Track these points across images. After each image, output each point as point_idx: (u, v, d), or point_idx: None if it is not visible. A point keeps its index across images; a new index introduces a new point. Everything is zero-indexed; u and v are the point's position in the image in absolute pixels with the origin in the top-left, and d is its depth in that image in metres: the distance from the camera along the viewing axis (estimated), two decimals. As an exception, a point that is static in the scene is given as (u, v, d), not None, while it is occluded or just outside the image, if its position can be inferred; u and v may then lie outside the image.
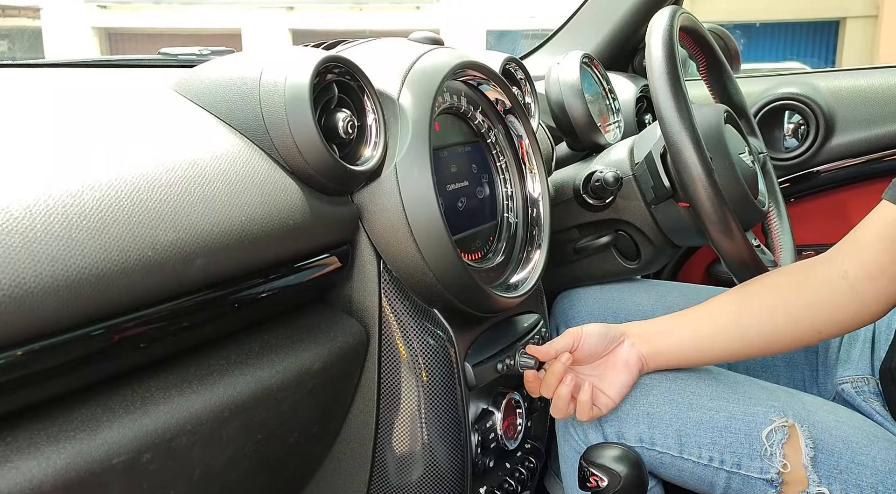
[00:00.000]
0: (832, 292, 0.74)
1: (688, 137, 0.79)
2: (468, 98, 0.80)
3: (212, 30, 14.99)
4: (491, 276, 0.79)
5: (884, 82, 1.23)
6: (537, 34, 8.80)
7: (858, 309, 0.74)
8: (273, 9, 15.43)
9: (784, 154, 1.27)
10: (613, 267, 1.01)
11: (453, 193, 0.77)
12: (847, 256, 0.75)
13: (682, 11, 0.92)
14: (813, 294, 0.75)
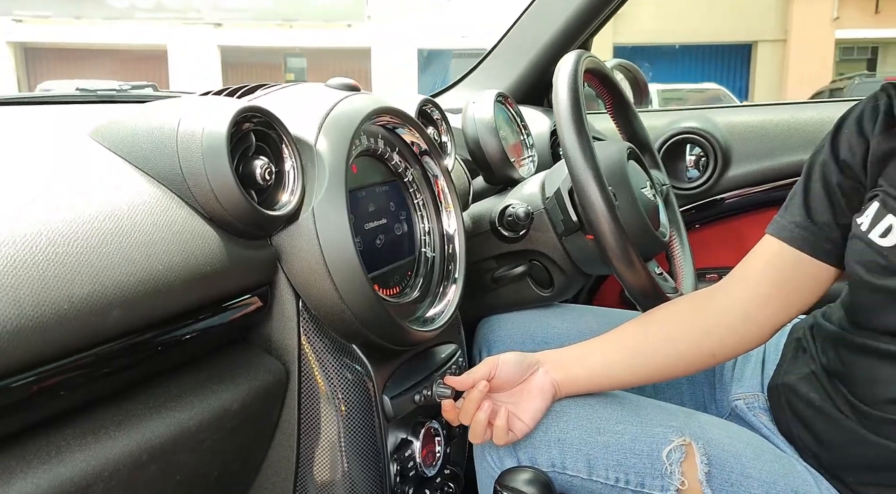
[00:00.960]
0: (726, 319, 0.81)
1: (591, 176, 0.85)
2: (385, 140, 0.83)
3: (136, 46, 14.61)
4: (408, 310, 0.82)
5: (773, 119, 1.34)
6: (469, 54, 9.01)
7: (749, 334, 0.82)
8: (201, 25, 15.16)
9: (687, 184, 1.36)
10: (529, 295, 1.06)
11: (371, 231, 0.80)
12: (738, 285, 0.82)
13: (587, 55, 0.99)
14: (710, 321, 0.82)
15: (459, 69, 1.51)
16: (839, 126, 0.80)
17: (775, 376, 0.90)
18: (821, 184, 0.80)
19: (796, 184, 0.83)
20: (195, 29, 14.98)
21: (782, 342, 0.94)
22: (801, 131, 1.28)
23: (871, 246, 0.73)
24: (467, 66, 1.44)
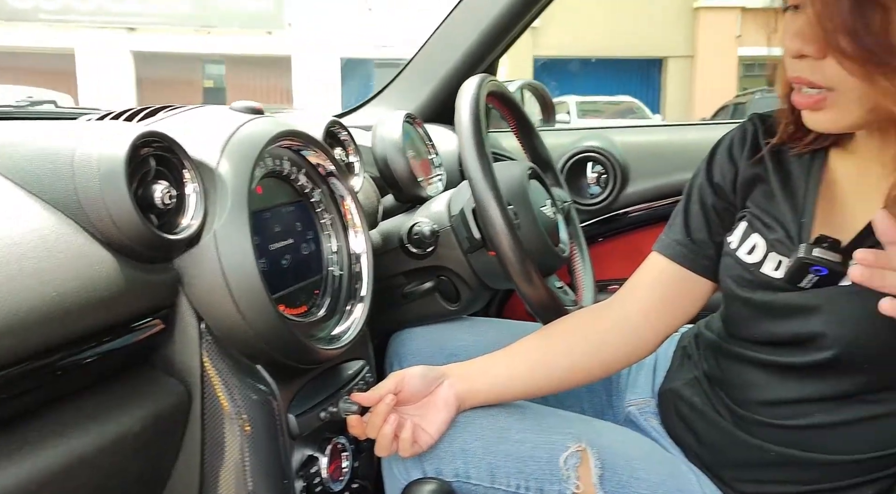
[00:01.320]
0: (619, 331, 0.87)
1: (491, 196, 0.89)
2: (291, 161, 0.85)
3: (41, 49, 13.93)
4: (314, 329, 0.84)
5: (666, 139, 1.43)
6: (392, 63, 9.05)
7: (638, 345, 0.88)
8: (112, 29, 14.61)
9: (589, 200, 1.44)
10: (437, 309, 1.10)
11: (277, 251, 0.82)
12: (629, 298, 0.88)
13: (489, 79, 1.03)
14: (604, 333, 0.88)
15: (383, 78, 1.54)
16: (714, 152, 0.87)
17: (664, 382, 0.97)
18: (698, 205, 0.86)
19: (678, 205, 0.89)
20: (106, 33, 14.43)
21: (671, 350, 1.00)
22: (690, 151, 1.37)
23: (740, 262, 0.80)
24: (390, 75, 1.47)
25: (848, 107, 0.67)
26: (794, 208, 0.78)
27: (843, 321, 0.71)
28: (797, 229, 0.77)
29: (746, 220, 0.82)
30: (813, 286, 0.74)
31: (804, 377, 0.77)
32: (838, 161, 0.78)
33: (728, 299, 0.85)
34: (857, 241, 0.72)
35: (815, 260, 0.71)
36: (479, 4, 1.30)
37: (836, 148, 0.79)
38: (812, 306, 0.74)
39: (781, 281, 0.76)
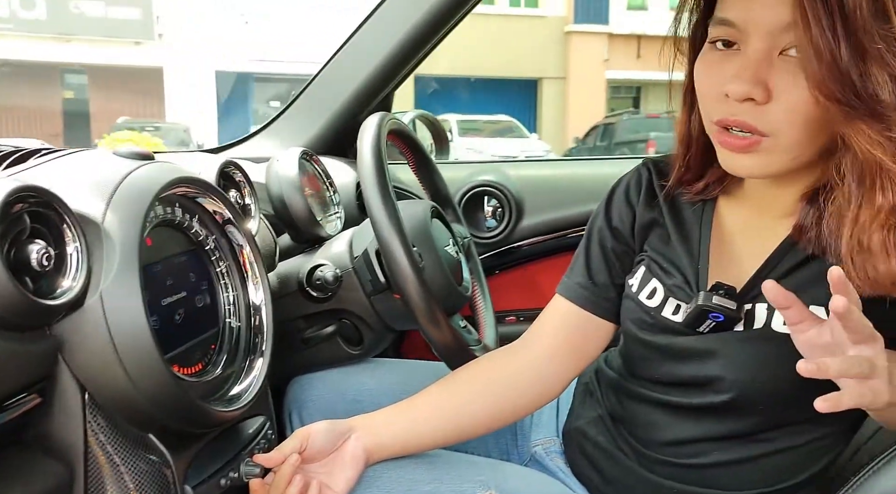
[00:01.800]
0: (527, 374, 0.87)
1: (397, 241, 0.87)
2: (183, 208, 0.79)
3: None
4: (211, 389, 0.78)
5: (558, 173, 1.48)
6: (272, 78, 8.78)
7: (546, 388, 0.88)
8: (-45, 33, 13.41)
9: (486, 233, 1.45)
10: (339, 353, 1.06)
11: (169, 306, 0.75)
12: (534, 342, 0.89)
13: (389, 117, 1.02)
14: (512, 378, 0.87)
15: (262, 93, 1.48)
16: (611, 196, 0.90)
17: (568, 421, 0.98)
18: (598, 248, 0.88)
19: (579, 246, 0.91)
20: (-51, 37, 13.20)
21: (573, 387, 1.02)
22: (583, 185, 1.42)
23: (641, 306, 0.83)
24: (270, 90, 1.42)
25: (779, 153, 0.68)
26: (690, 253, 0.81)
27: (739, 366, 0.74)
28: (694, 276, 0.80)
29: (645, 264, 0.84)
30: (710, 331, 0.77)
31: (703, 417, 0.80)
32: (727, 209, 0.82)
33: (629, 341, 0.87)
34: (748, 288, 0.76)
35: (713, 308, 0.74)
36: (376, 37, 1.29)
37: (724, 196, 0.83)
38: (710, 350, 0.77)
39: (681, 325, 0.79)
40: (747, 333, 0.75)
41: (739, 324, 0.75)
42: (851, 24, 0.60)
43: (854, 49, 0.61)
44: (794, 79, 0.65)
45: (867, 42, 0.61)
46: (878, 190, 0.63)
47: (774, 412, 0.75)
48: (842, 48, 0.60)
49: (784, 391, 0.72)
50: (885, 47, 0.61)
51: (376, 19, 1.29)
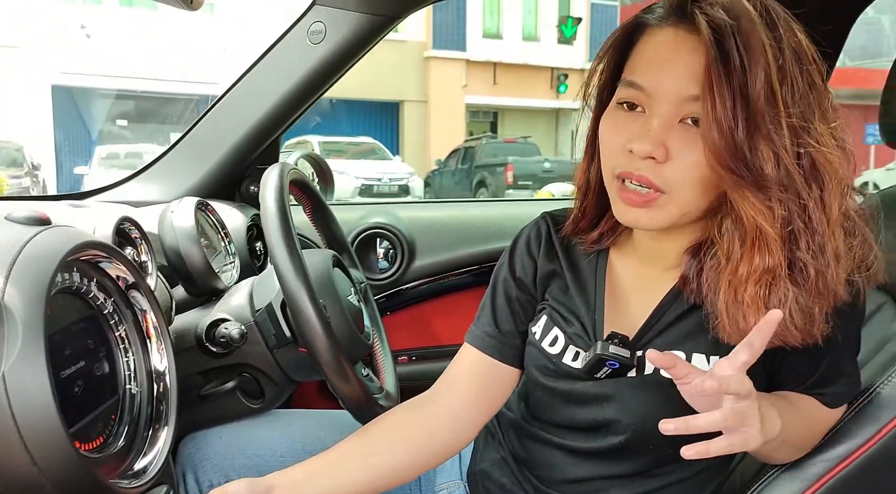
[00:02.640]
0: (444, 423, 0.89)
1: (305, 295, 0.87)
2: (82, 273, 0.75)
3: None
4: (113, 464, 0.74)
5: (448, 215, 1.52)
6: (116, 95, 8.21)
7: (462, 434, 0.90)
8: None
9: (379, 275, 1.46)
10: (239, 408, 1.03)
11: (69, 378, 0.71)
12: (447, 390, 0.91)
13: (290, 168, 1.01)
14: (426, 427, 0.88)
15: (108, 111, 1.41)
16: (514, 247, 0.94)
17: (472, 463, 1.01)
18: (504, 297, 0.93)
19: (485, 296, 0.95)
20: None
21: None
22: (472, 226, 1.47)
23: (543, 353, 0.88)
24: (116, 107, 1.36)
25: (670, 209, 0.75)
26: (587, 303, 0.87)
27: (633, 409, 0.81)
28: (591, 325, 0.86)
29: (547, 313, 0.90)
30: (606, 377, 0.83)
31: (601, 457, 0.86)
32: (618, 261, 0.89)
33: (532, 385, 0.92)
34: (639, 336, 0.83)
35: (610, 356, 0.80)
36: (267, 82, 1.28)
37: (615, 248, 0.90)
38: (607, 395, 0.83)
39: (580, 372, 0.84)
40: (640, 378, 0.82)
41: (632, 370, 0.82)
42: (750, 106, 0.69)
43: (748, 127, 0.69)
44: (691, 144, 0.72)
45: (760, 122, 0.69)
46: (757, 251, 0.71)
47: (666, 450, 0.82)
48: (739, 125, 0.68)
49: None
50: (774, 129, 0.69)
51: (268, 63, 1.28)
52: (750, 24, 0.68)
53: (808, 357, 0.76)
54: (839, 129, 0.73)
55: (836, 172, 0.70)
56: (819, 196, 0.70)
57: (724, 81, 0.68)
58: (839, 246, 0.72)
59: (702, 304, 0.79)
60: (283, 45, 1.28)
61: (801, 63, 0.70)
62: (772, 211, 0.69)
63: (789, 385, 0.80)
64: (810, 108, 0.70)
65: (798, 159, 0.69)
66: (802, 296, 0.70)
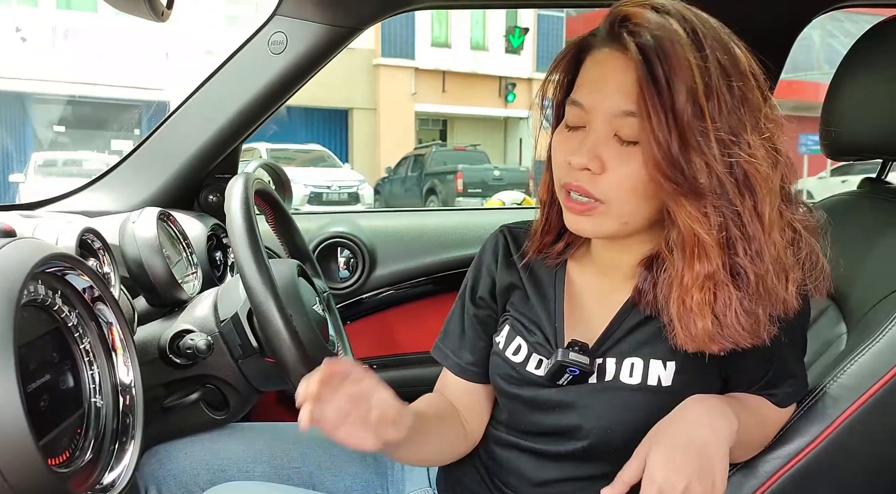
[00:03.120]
0: (457, 433, 0.94)
1: (273, 305, 0.88)
2: (46, 285, 0.73)
3: None
4: (82, 478, 0.73)
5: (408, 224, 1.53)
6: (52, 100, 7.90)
7: (468, 440, 0.95)
8: None
9: (340, 284, 1.47)
10: (202, 420, 1.02)
11: (35, 392, 0.70)
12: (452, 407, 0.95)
13: (255, 178, 1.01)
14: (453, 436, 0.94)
15: (43, 116, 1.38)
16: (475, 264, 0.96)
17: (441, 470, 1.02)
18: (468, 317, 0.95)
19: (451, 312, 0.97)
20: None
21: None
22: (430, 235, 1.49)
23: (507, 362, 0.90)
24: (53, 112, 1.33)
25: (610, 218, 0.79)
26: (548, 313, 0.90)
27: (595, 415, 0.83)
28: (553, 334, 0.88)
29: (510, 323, 0.92)
30: (568, 384, 0.86)
31: (565, 461, 0.87)
32: (576, 271, 0.92)
33: (497, 394, 0.94)
34: (598, 344, 0.86)
35: (570, 363, 0.83)
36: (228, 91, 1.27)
37: (573, 260, 0.93)
38: (569, 401, 0.85)
39: (543, 379, 0.87)
40: (600, 385, 0.84)
41: (593, 377, 0.85)
42: (679, 121, 0.73)
43: (681, 140, 0.73)
44: (626, 157, 0.76)
45: (689, 136, 0.73)
46: (697, 259, 0.75)
47: (629, 454, 0.84)
48: (672, 139, 0.73)
49: (636, 436, 0.81)
50: (703, 141, 0.73)
51: (228, 72, 1.27)
52: (673, 45, 0.72)
53: (758, 361, 0.81)
54: (774, 140, 0.77)
55: (765, 182, 0.74)
56: (752, 205, 0.74)
57: (655, 98, 0.72)
58: (780, 252, 0.76)
59: (656, 315, 0.82)
60: (244, 54, 1.28)
61: (729, 79, 0.74)
62: (707, 218, 0.73)
63: (742, 387, 0.84)
64: (741, 121, 0.74)
65: (730, 169, 0.73)
66: (746, 300, 0.75)
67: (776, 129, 0.77)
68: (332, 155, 13.87)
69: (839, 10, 1.34)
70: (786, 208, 0.78)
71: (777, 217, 0.76)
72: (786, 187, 0.78)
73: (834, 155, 1.11)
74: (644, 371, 0.81)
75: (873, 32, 1.03)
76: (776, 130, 0.77)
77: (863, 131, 1.04)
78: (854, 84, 1.06)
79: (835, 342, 0.98)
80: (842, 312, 1.00)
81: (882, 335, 0.86)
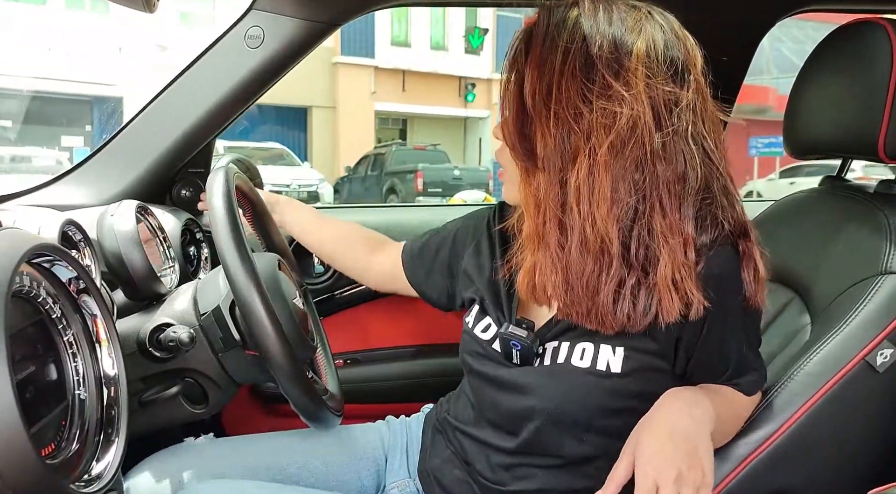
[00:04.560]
0: (368, 265, 1.23)
1: (257, 298, 0.88)
2: (31, 276, 0.73)
3: None
4: (69, 468, 0.72)
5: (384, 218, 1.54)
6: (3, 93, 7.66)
7: (358, 270, 1.25)
8: None
9: (315, 279, 1.47)
10: (181, 414, 1.02)
11: (20, 384, 0.69)
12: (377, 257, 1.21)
13: (235, 171, 1.01)
14: (364, 260, 1.23)
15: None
16: (470, 219, 1.06)
17: (421, 461, 1.04)
18: (437, 244, 1.10)
19: (432, 230, 1.13)
20: None
21: (420, 431, 1.08)
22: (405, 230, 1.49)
23: (475, 338, 0.94)
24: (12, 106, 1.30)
25: (511, 185, 0.87)
26: (509, 295, 0.93)
27: (546, 395, 0.85)
28: (509, 314, 0.92)
29: (478, 302, 0.95)
30: (521, 364, 0.88)
31: (524, 447, 0.89)
32: None
33: (466, 372, 0.98)
34: (547, 327, 0.88)
35: (510, 336, 0.87)
36: (202, 85, 1.26)
37: None
38: (524, 383, 0.87)
39: (501, 356, 0.90)
40: (552, 367, 0.87)
41: (546, 358, 0.87)
42: (526, 108, 0.80)
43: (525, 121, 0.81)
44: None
45: (536, 117, 0.80)
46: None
47: (595, 439, 0.86)
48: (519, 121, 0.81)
49: (586, 419, 0.84)
50: (546, 122, 0.79)
51: (203, 66, 1.26)
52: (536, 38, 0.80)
53: (716, 356, 0.84)
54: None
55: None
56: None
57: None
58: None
59: None
60: (219, 48, 1.27)
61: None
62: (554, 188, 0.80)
63: (706, 381, 0.87)
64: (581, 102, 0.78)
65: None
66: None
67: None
68: (291, 153, 13.74)
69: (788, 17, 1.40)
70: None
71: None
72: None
73: (797, 154, 1.16)
74: (594, 355, 0.84)
75: (834, 37, 1.08)
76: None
77: (823, 131, 1.09)
78: (815, 86, 1.11)
79: (799, 332, 1.03)
80: (805, 304, 1.05)
81: (845, 325, 0.91)
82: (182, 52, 2.17)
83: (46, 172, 1.33)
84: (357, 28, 16.84)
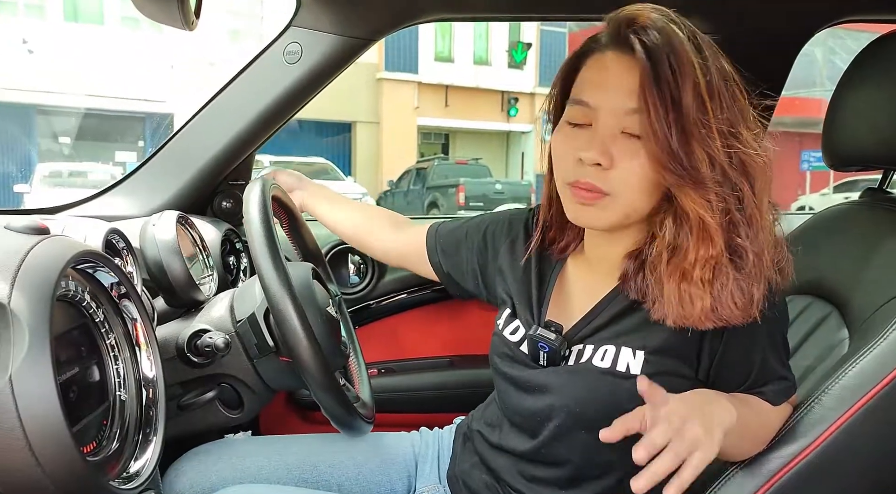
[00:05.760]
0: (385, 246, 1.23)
1: (291, 306, 0.90)
2: (76, 281, 0.76)
3: None
4: (109, 466, 0.75)
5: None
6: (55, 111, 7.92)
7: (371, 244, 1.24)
8: None
9: (350, 289, 1.49)
10: (218, 419, 1.05)
11: (64, 384, 0.72)
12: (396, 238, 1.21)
13: (272, 183, 1.04)
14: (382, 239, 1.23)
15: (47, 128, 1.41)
16: (506, 220, 1.06)
17: (451, 466, 1.05)
18: (469, 236, 1.09)
19: (464, 220, 1.12)
20: None
21: (451, 439, 1.09)
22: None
23: (504, 340, 0.95)
24: (57, 124, 1.36)
25: (615, 209, 0.83)
26: (539, 299, 0.95)
27: (566, 393, 0.86)
28: (538, 316, 0.94)
29: (509, 306, 0.97)
30: (547, 364, 0.89)
31: (543, 456, 0.90)
32: (572, 267, 0.97)
33: (495, 375, 0.99)
34: (576, 329, 0.90)
35: (539, 338, 0.88)
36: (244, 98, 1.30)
37: (572, 257, 0.97)
38: (546, 383, 0.89)
39: (529, 358, 0.91)
40: (573, 367, 0.88)
41: (571, 359, 0.88)
42: (682, 115, 0.77)
43: (682, 134, 0.77)
44: (632, 152, 0.80)
45: (692, 129, 0.77)
46: (702, 242, 0.79)
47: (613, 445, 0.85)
48: (673, 133, 0.77)
49: (604, 419, 0.81)
50: (706, 133, 0.77)
51: (244, 81, 1.31)
52: (680, 46, 0.77)
53: (739, 366, 0.84)
54: (759, 137, 0.82)
55: (762, 170, 0.80)
56: (751, 190, 0.79)
57: (656, 95, 0.76)
58: (773, 233, 0.82)
59: (641, 299, 0.85)
60: (259, 64, 1.31)
61: (725, 80, 0.80)
62: (711, 204, 0.78)
63: (729, 389, 0.85)
64: (736, 117, 0.80)
65: (729, 159, 0.78)
66: (742, 280, 0.79)
67: (760, 130, 0.83)
68: (336, 168, 13.94)
69: (841, 27, 1.38)
70: (770, 193, 0.83)
71: (768, 203, 0.81)
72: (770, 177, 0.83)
73: (836, 166, 1.14)
74: (615, 357, 0.85)
75: (874, 46, 1.06)
76: (760, 131, 0.83)
77: (864, 142, 1.07)
78: (855, 96, 1.09)
79: (837, 346, 1.01)
80: (843, 318, 1.03)
81: (883, 339, 0.89)
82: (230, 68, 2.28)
83: (100, 186, 1.39)
84: (401, 44, 17.05)
